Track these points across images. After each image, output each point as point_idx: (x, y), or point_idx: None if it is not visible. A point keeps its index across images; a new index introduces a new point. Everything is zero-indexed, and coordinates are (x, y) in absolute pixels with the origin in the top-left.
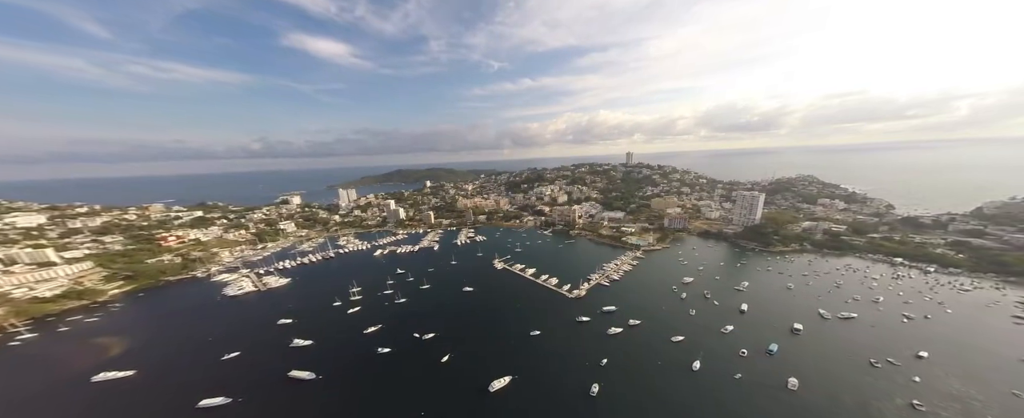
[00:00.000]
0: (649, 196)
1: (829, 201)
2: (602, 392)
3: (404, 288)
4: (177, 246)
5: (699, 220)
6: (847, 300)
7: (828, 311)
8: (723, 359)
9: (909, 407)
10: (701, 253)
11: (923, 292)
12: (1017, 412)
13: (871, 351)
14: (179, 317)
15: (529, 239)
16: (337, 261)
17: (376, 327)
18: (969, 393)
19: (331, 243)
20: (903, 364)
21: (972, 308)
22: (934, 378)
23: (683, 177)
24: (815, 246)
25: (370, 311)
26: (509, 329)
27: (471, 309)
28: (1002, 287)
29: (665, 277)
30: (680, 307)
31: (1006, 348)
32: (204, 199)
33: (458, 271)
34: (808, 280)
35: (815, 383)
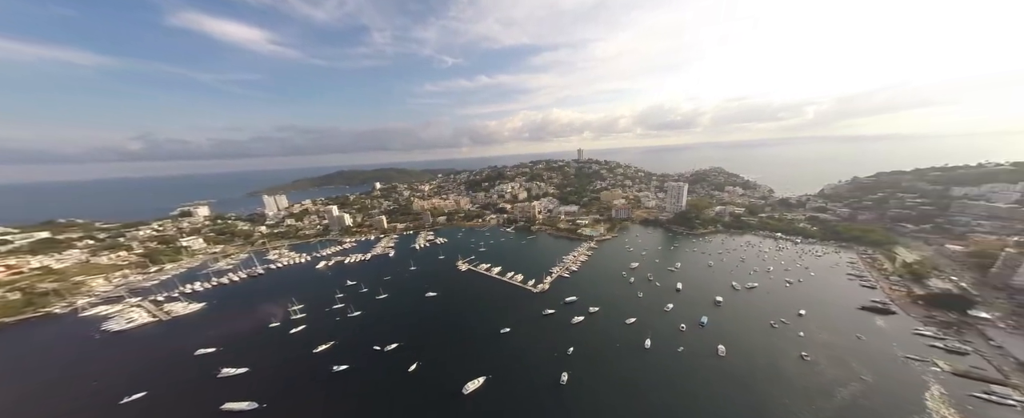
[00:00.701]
0: (599, 190)
1: (732, 188)
2: (571, 380)
3: (358, 300)
4: (9, 279)
5: (640, 209)
6: (750, 272)
7: (738, 283)
8: (667, 335)
9: (800, 359)
10: (643, 239)
11: (796, 260)
12: (862, 351)
13: (770, 314)
14: (36, 365)
15: (493, 237)
16: (268, 278)
17: (328, 345)
18: (834, 341)
19: (258, 258)
20: (791, 323)
21: (825, 270)
22: (812, 332)
23: (626, 171)
24: (725, 227)
25: (318, 328)
26: (478, 330)
27: (436, 314)
28: (839, 251)
29: (616, 264)
30: (630, 291)
31: (847, 300)
32: (53, 216)
33: (419, 277)
34: (722, 257)
35: (736, 348)
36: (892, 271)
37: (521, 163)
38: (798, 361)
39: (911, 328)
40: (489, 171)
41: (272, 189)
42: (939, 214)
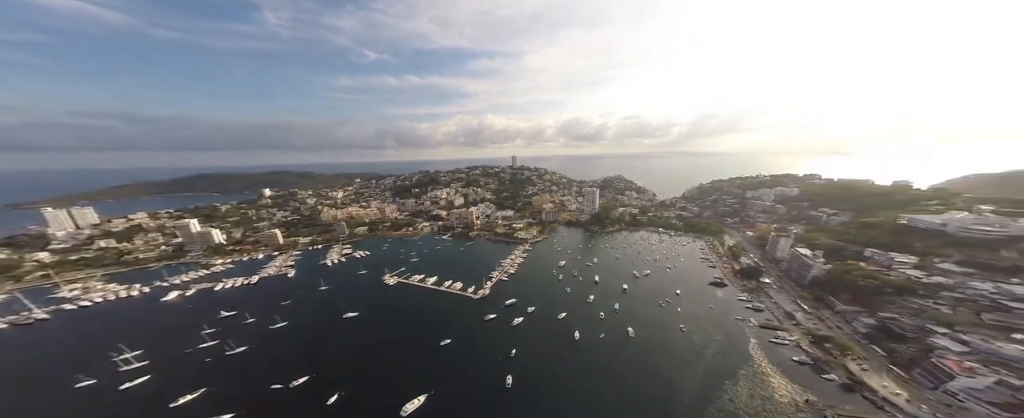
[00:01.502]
0: (531, 195)
1: (629, 193)
2: (515, 382)
3: (240, 333)
4: None
5: (565, 213)
6: (644, 261)
7: (637, 272)
8: (591, 324)
9: (680, 331)
10: (568, 239)
11: (671, 249)
12: (713, 318)
13: (659, 296)
14: None
15: (427, 246)
16: (63, 323)
17: (195, 394)
18: (697, 312)
19: (35, 299)
20: (672, 300)
21: (688, 256)
22: (685, 306)
23: (552, 178)
24: (626, 225)
25: (175, 376)
26: (414, 346)
27: (358, 336)
28: (695, 240)
29: (547, 264)
30: (560, 288)
31: (701, 278)
32: None
33: (333, 297)
34: (626, 250)
35: (641, 328)
36: (722, 253)
37: (457, 168)
38: (679, 333)
39: (736, 296)
40: (420, 176)
41: (70, 198)
42: (742, 210)
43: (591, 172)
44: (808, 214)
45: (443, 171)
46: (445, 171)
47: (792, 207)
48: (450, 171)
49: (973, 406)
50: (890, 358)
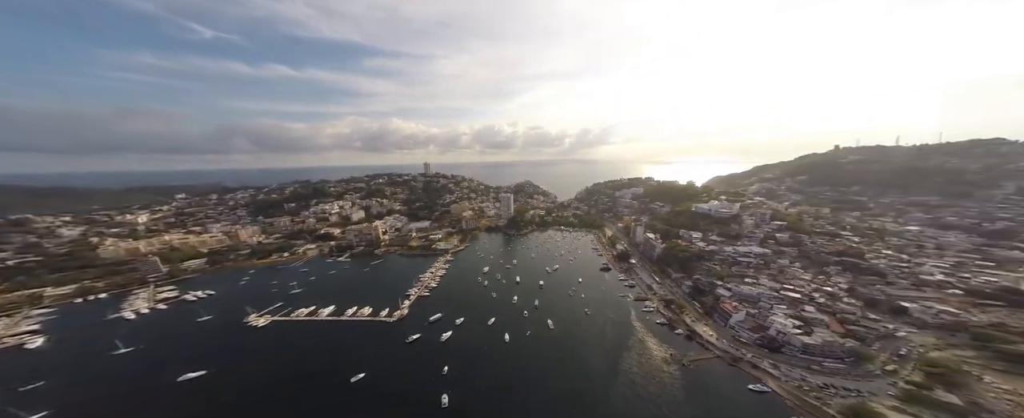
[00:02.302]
0: (449, 203)
1: (537, 196)
2: (452, 399)
3: None
4: None
5: (485, 219)
6: (553, 257)
7: (549, 267)
8: (517, 324)
9: (586, 315)
10: (489, 245)
11: (572, 243)
12: (606, 299)
13: (567, 286)
14: None
15: (316, 272)
16: None
17: None
18: (595, 296)
19: None
20: (577, 288)
21: (584, 248)
22: (587, 293)
23: (471, 185)
24: (537, 226)
25: None
26: (315, 391)
27: (207, 399)
28: (587, 234)
29: (471, 272)
30: (486, 294)
31: (594, 266)
32: None
33: (147, 358)
34: (539, 249)
35: (557, 319)
36: (605, 243)
37: (352, 177)
38: (585, 317)
39: (618, 277)
40: (298, 187)
41: None
42: (614, 207)
43: (506, 178)
44: (649, 207)
45: (333, 180)
46: (336, 180)
47: (641, 202)
48: (343, 180)
49: (742, 332)
50: (701, 308)
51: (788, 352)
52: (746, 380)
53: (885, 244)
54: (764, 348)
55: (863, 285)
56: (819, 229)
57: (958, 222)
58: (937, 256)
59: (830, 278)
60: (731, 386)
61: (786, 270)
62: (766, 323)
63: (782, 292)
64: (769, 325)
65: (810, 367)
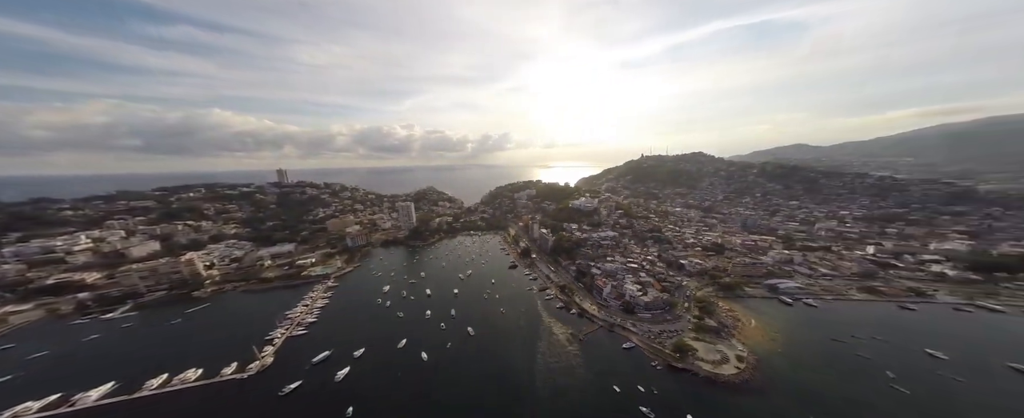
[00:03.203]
0: (324, 218)
1: (443, 203)
2: None
3: None
4: None
5: (379, 232)
6: (465, 262)
7: (462, 274)
8: (435, 339)
9: (501, 314)
10: (388, 261)
11: (482, 247)
12: (517, 295)
13: (482, 289)
14: None
15: (47, 344)
16: None
17: None
18: (508, 295)
19: None
20: (491, 290)
21: (493, 249)
22: (501, 292)
23: (354, 194)
24: (444, 234)
25: None
26: None
27: None
28: (495, 235)
29: (368, 295)
30: (390, 315)
31: (504, 265)
32: None
33: None
34: (449, 257)
35: (477, 323)
36: (510, 242)
37: (122, 190)
38: (501, 316)
39: (524, 273)
40: None
41: None
42: (514, 208)
43: (403, 185)
44: (541, 206)
45: (69, 199)
46: (76, 198)
47: (534, 202)
48: (95, 198)
49: (611, 302)
50: (585, 287)
51: (637, 312)
52: (620, 341)
53: (668, 221)
54: (625, 312)
55: (664, 252)
56: (640, 214)
57: (694, 203)
58: (689, 226)
59: (648, 249)
60: (611, 347)
61: (627, 247)
62: (623, 291)
63: (628, 265)
64: (625, 292)
65: (651, 320)
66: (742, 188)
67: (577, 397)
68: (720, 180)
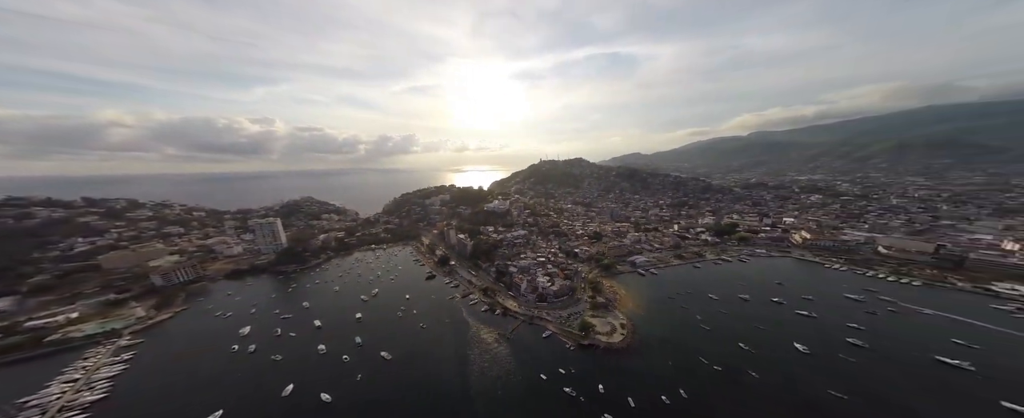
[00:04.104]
0: (90, 252)
1: (328, 216)
2: None
3: None
4: None
5: (219, 262)
6: (369, 281)
7: (366, 294)
8: (336, 376)
9: (422, 329)
10: (244, 295)
11: (389, 261)
12: (439, 305)
13: (394, 307)
14: None
15: None
16: None
17: None
18: (428, 309)
19: None
20: (407, 306)
21: (404, 261)
22: (419, 306)
23: (160, 213)
24: (334, 251)
25: None
26: None
27: None
28: (405, 246)
29: (213, 343)
30: (260, 361)
31: (419, 277)
32: None
33: None
34: (344, 278)
35: (393, 346)
36: (424, 251)
37: None
38: (422, 331)
39: (444, 281)
40: None
41: None
42: (426, 215)
43: (258, 196)
44: (456, 211)
45: None
46: None
47: (449, 207)
48: None
49: (528, 296)
50: (506, 287)
51: (549, 301)
52: (540, 331)
53: (564, 217)
54: (541, 303)
55: (563, 244)
56: (544, 212)
57: (580, 200)
58: (577, 220)
59: (552, 243)
60: (533, 339)
61: (536, 243)
62: (536, 284)
63: (537, 259)
64: (538, 285)
65: (560, 306)
66: (608, 186)
67: (510, 394)
68: (595, 181)
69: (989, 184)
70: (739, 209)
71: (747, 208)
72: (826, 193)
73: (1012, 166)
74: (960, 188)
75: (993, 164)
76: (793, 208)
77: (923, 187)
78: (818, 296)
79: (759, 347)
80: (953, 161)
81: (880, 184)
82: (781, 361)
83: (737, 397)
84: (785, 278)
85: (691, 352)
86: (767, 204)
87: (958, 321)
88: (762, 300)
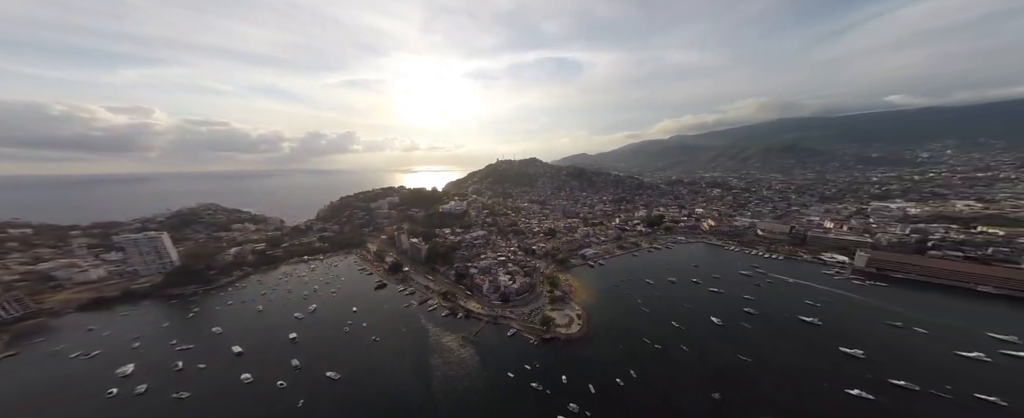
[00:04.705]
0: None
1: (242, 225)
2: None
3: None
4: None
5: (67, 291)
6: (304, 296)
7: (301, 312)
8: (268, 405)
9: (375, 342)
10: (117, 329)
11: (328, 272)
12: (392, 314)
13: (340, 323)
14: None
15: None
16: None
17: None
18: (379, 319)
19: None
20: (354, 320)
21: (348, 272)
22: (368, 318)
23: None
24: (253, 267)
25: None
26: None
27: None
28: (347, 256)
29: (69, 389)
30: (153, 405)
31: (367, 287)
32: None
33: None
34: (271, 296)
35: (339, 364)
36: (371, 259)
37: None
38: (374, 345)
39: (397, 289)
40: None
41: None
42: (372, 220)
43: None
44: (408, 214)
45: None
46: None
47: (399, 210)
48: None
49: (491, 296)
50: (465, 289)
51: (512, 299)
52: (504, 330)
53: (521, 215)
54: (504, 302)
55: (521, 242)
56: (502, 212)
57: (536, 199)
58: (534, 218)
59: (511, 242)
60: (498, 338)
61: (495, 243)
62: (498, 284)
63: (498, 259)
64: (500, 285)
65: (522, 303)
66: (559, 185)
67: (478, 397)
68: (548, 180)
69: (816, 179)
70: (664, 203)
71: (670, 201)
72: (723, 188)
73: (828, 165)
74: (801, 182)
75: (818, 164)
76: (702, 201)
77: (781, 181)
78: (723, 274)
79: (686, 323)
80: (795, 161)
81: (756, 179)
82: (702, 334)
83: (671, 372)
84: (700, 261)
85: (636, 334)
86: (684, 197)
87: (805, 285)
88: (685, 281)
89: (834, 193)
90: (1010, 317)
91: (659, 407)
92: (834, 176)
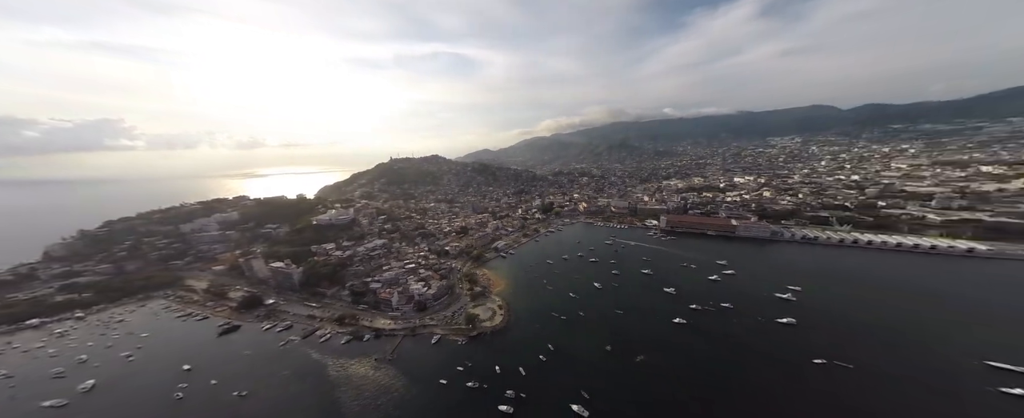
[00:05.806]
0: None
1: None
2: None
3: None
4: None
5: None
6: (52, 377)
7: (60, 398)
8: None
9: (238, 397)
10: None
11: (107, 329)
12: (260, 364)
13: (167, 387)
14: None
15: None
16: None
17: None
18: (238, 370)
19: None
20: (192, 380)
21: (152, 328)
22: (217, 374)
23: None
24: None
25: None
26: None
27: None
28: (143, 304)
29: None
30: None
31: (204, 337)
32: None
33: None
34: None
35: None
36: (201, 300)
37: None
38: (241, 402)
39: (259, 328)
40: None
41: None
42: (189, 247)
43: None
44: (260, 233)
45: None
46: None
47: (242, 230)
48: None
49: (403, 308)
50: (368, 307)
51: (429, 306)
52: (427, 339)
53: (428, 216)
54: (420, 311)
55: (432, 245)
56: (404, 216)
57: (442, 197)
58: (443, 217)
59: (419, 246)
60: (422, 348)
61: (400, 250)
62: (410, 293)
63: (406, 266)
64: (412, 293)
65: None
66: (466, 181)
67: (412, 414)
68: (454, 177)
69: (637, 168)
70: (552, 192)
71: (556, 190)
72: (589, 176)
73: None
74: (630, 169)
75: (637, 157)
76: (576, 188)
77: (620, 170)
78: (596, 246)
79: (579, 292)
80: (626, 154)
81: (607, 169)
82: (591, 299)
83: (576, 338)
84: (582, 237)
85: (546, 311)
86: (565, 186)
87: (639, 245)
88: (574, 257)
89: (646, 176)
90: (722, 249)
91: (572, 368)
92: (645, 164)
